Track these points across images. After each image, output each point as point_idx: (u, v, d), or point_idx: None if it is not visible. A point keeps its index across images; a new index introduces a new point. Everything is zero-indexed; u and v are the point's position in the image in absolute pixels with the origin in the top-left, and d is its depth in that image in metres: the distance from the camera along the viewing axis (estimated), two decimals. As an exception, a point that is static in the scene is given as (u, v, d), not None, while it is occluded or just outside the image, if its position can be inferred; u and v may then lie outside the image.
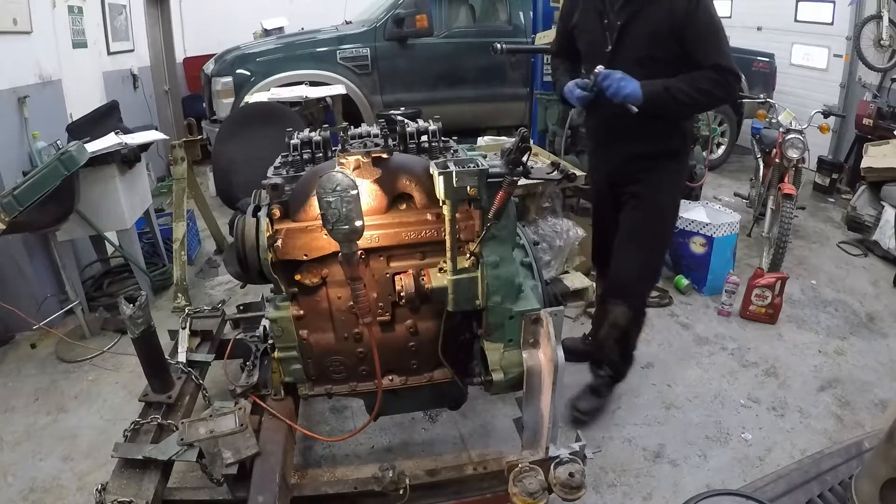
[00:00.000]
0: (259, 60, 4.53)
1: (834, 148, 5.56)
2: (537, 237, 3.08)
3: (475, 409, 2.35)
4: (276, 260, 1.37)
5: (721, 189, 5.18)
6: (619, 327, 2.14)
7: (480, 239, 1.31)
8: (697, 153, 3.58)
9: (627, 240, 2.08)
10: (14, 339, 2.94)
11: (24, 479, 2.08)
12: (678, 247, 3.43)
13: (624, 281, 2.12)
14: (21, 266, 2.90)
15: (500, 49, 3.59)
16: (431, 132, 1.59)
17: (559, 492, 1.34)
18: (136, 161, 3.09)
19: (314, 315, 1.49)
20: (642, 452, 2.18)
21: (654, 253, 2.16)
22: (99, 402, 2.48)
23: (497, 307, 1.39)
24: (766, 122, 3.89)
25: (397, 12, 4.56)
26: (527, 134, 1.25)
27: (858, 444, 1.12)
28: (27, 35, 3.13)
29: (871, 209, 3.94)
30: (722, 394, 2.51)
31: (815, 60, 5.82)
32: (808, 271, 3.66)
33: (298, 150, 1.59)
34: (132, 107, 4.70)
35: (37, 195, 2.39)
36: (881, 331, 3.02)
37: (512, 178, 1.25)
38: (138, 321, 1.55)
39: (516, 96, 5.10)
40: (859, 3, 5.13)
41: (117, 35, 4.77)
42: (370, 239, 1.39)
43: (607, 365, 2.30)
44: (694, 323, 3.06)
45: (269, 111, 2.88)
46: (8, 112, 2.95)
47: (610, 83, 1.76)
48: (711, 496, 0.91)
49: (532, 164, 1.81)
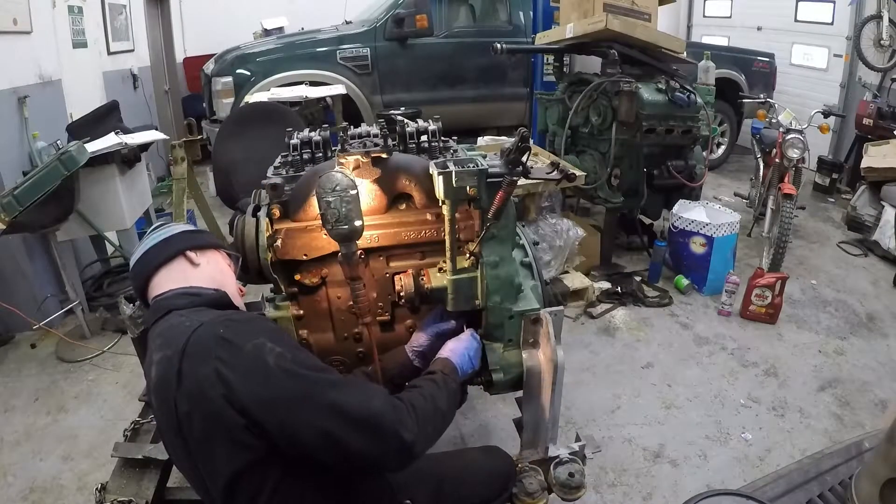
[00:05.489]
0: (259, 60, 4.53)
1: (834, 148, 5.56)
2: (537, 237, 3.08)
3: (475, 409, 2.35)
4: (275, 260, 1.37)
5: (721, 189, 5.18)
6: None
7: (480, 239, 1.31)
8: (697, 153, 3.58)
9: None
10: (14, 339, 2.94)
11: (24, 479, 2.08)
12: (678, 247, 3.44)
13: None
14: (21, 266, 2.90)
15: (500, 49, 3.59)
16: (431, 132, 1.58)
17: (559, 492, 1.34)
18: (136, 161, 3.09)
19: (314, 315, 1.48)
20: (642, 452, 2.18)
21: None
22: (99, 402, 2.48)
23: (497, 307, 1.39)
24: (766, 122, 3.90)
25: (397, 12, 4.55)
26: (527, 134, 1.24)
27: (858, 444, 1.12)
28: (27, 35, 3.13)
29: (871, 209, 3.94)
30: (722, 394, 2.51)
31: (815, 60, 5.82)
32: (808, 271, 3.66)
33: (298, 150, 1.58)
34: (132, 107, 4.71)
35: (37, 195, 2.39)
36: (881, 331, 3.02)
37: (512, 177, 1.25)
38: (138, 321, 1.54)
39: (516, 96, 5.10)
40: (859, 3, 5.13)
41: (117, 35, 4.77)
42: (370, 239, 1.39)
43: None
44: (694, 323, 3.06)
45: (269, 111, 2.88)
46: (8, 112, 2.95)
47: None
48: (711, 496, 0.91)
49: (532, 164, 1.81)
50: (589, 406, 2.42)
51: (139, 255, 1.19)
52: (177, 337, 1.00)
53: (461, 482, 1.28)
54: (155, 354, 1.03)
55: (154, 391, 1.03)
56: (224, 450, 0.96)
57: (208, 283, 1.19)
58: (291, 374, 0.96)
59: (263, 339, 0.99)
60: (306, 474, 1.03)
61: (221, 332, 0.98)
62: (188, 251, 1.20)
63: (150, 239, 1.21)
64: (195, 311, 1.08)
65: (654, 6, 3.57)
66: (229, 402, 0.93)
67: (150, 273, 1.17)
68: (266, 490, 0.98)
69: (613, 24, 3.11)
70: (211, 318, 1.03)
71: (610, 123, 3.27)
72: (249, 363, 0.95)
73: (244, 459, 0.96)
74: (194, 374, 0.95)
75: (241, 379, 0.94)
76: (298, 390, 0.96)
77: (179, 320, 1.05)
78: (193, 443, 0.99)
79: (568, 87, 3.68)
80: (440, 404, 1.12)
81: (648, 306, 3.22)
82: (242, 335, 0.99)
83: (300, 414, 0.95)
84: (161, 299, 1.14)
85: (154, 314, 1.12)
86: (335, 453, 0.97)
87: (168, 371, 0.98)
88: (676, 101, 3.21)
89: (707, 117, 3.44)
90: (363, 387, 1.05)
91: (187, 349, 0.97)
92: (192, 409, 0.95)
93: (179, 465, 1.11)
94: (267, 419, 0.94)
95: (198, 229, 1.30)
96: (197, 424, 0.96)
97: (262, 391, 0.94)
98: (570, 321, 3.04)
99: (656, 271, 3.49)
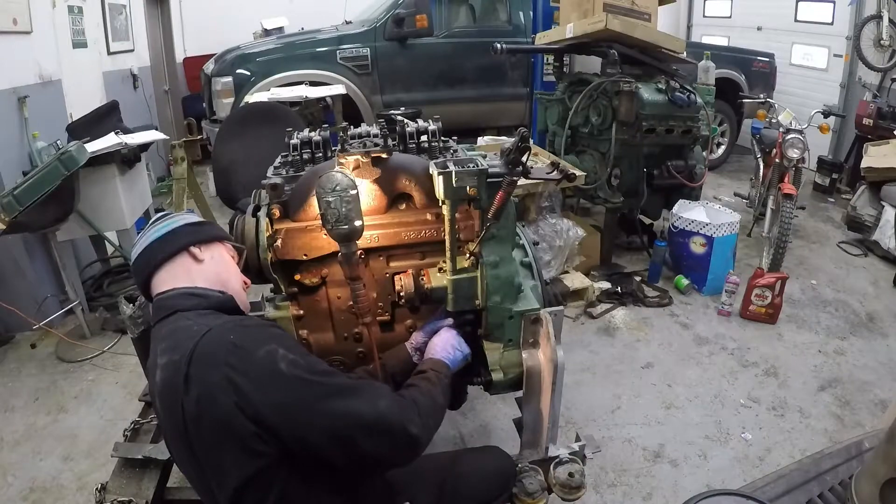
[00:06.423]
0: (259, 60, 4.53)
1: (834, 148, 5.56)
2: (537, 237, 3.08)
3: (475, 408, 2.35)
4: (275, 260, 1.37)
5: (721, 189, 5.18)
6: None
7: (480, 239, 1.31)
8: (697, 153, 3.58)
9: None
10: (14, 339, 2.94)
11: (24, 479, 2.08)
12: (678, 247, 3.43)
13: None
14: (21, 266, 2.90)
15: (500, 49, 3.59)
16: (431, 132, 1.58)
17: (559, 492, 1.34)
18: (136, 161, 3.09)
19: (314, 315, 1.48)
20: (642, 452, 2.18)
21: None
22: (99, 402, 2.48)
23: (496, 307, 1.39)
24: (766, 122, 3.90)
25: (397, 12, 4.55)
26: (527, 134, 1.24)
27: (858, 444, 1.12)
28: (27, 35, 3.13)
29: (871, 209, 3.94)
30: (722, 394, 2.51)
31: (815, 60, 5.82)
32: (808, 271, 3.66)
33: (298, 150, 1.58)
34: (132, 107, 4.71)
35: (37, 195, 2.39)
36: (881, 331, 3.02)
37: (511, 177, 1.25)
38: (138, 321, 1.54)
39: (516, 96, 5.10)
40: (859, 3, 5.13)
41: (117, 35, 4.77)
42: (370, 239, 1.39)
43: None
44: (694, 323, 3.06)
45: (268, 111, 2.88)
46: (8, 112, 2.95)
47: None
48: (711, 496, 0.91)
49: (532, 164, 1.81)
50: (589, 406, 2.42)
51: (141, 250, 1.15)
52: (184, 341, 0.99)
53: (461, 482, 1.28)
54: (160, 358, 1.01)
55: (159, 395, 1.02)
56: (233, 456, 0.95)
57: (213, 280, 1.16)
58: (305, 380, 0.97)
59: (275, 344, 0.99)
60: (312, 477, 1.03)
61: (232, 338, 0.97)
62: (192, 247, 1.16)
63: (153, 231, 1.17)
64: (202, 314, 1.07)
65: (654, 6, 3.57)
66: (241, 408, 0.93)
67: (152, 270, 1.14)
68: (273, 493, 0.98)
69: (613, 24, 3.11)
70: (220, 324, 1.02)
71: (610, 123, 3.27)
72: (262, 370, 0.95)
73: (254, 466, 0.96)
74: (203, 379, 0.95)
75: (255, 385, 0.94)
76: (312, 396, 0.97)
77: (186, 324, 1.03)
78: (201, 448, 0.98)
79: (568, 87, 3.68)
80: (438, 399, 1.16)
81: (648, 306, 3.22)
82: (254, 341, 0.98)
83: (314, 419, 0.96)
84: (164, 298, 1.11)
85: (157, 313, 1.10)
86: (348, 455, 1.00)
87: (175, 376, 0.97)
88: (676, 101, 3.21)
89: (707, 117, 3.44)
90: (369, 388, 1.05)
91: (195, 354, 0.96)
92: (201, 414, 0.95)
93: (183, 469, 1.10)
94: (281, 425, 0.94)
95: (201, 220, 1.24)
96: (205, 430, 0.96)
97: (277, 397, 0.94)
98: (570, 321, 3.04)
99: (656, 271, 3.49)
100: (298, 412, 0.95)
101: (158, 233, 1.16)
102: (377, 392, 1.05)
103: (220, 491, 0.99)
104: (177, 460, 1.11)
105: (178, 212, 3.18)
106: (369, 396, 1.02)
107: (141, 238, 1.18)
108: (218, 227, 1.28)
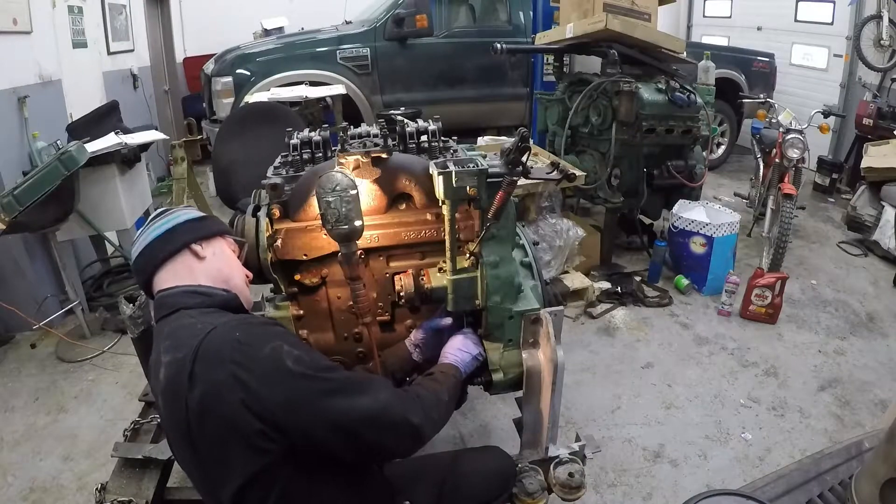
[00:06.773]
0: (259, 60, 4.53)
1: (834, 148, 5.56)
2: (537, 237, 3.08)
3: (475, 408, 2.35)
4: (275, 260, 1.37)
5: (721, 189, 5.18)
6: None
7: (480, 239, 1.31)
8: (697, 153, 3.58)
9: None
10: (14, 339, 2.94)
11: (24, 479, 2.08)
12: (678, 247, 3.43)
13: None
14: (21, 266, 2.90)
15: (500, 49, 3.59)
16: (431, 132, 1.58)
17: (559, 492, 1.34)
18: (136, 161, 3.09)
19: (314, 315, 1.49)
20: (642, 452, 2.18)
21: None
22: (99, 402, 2.48)
23: (496, 307, 1.39)
24: (766, 122, 3.90)
25: (397, 12, 4.55)
26: (527, 134, 1.24)
27: (858, 444, 1.12)
28: (27, 35, 3.13)
29: (871, 209, 3.94)
30: (722, 394, 2.51)
31: (815, 60, 5.82)
32: (808, 271, 3.66)
33: (298, 150, 1.58)
34: (132, 107, 4.70)
35: (37, 195, 2.39)
36: (881, 331, 3.02)
37: (511, 177, 1.25)
38: (138, 321, 1.54)
39: (516, 96, 5.09)
40: (859, 3, 5.13)
41: (117, 35, 4.76)
42: (370, 239, 1.39)
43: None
44: (694, 323, 3.06)
45: (268, 111, 2.88)
46: (8, 112, 2.95)
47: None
48: (711, 496, 0.91)
49: (532, 164, 1.81)
50: (589, 406, 2.42)
51: (142, 249, 1.14)
52: (188, 339, 0.99)
53: (461, 482, 1.28)
54: (164, 356, 1.01)
55: (162, 393, 1.02)
56: (238, 454, 0.95)
57: (216, 277, 1.15)
58: (310, 377, 0.98)
59: (280, 342, 0.99)
60: (314, 475, 1.04)
61: (237, 335, 0.98)
62: (193, 244, 1.15)
63: (154, 228, 1.16)
64: (205, 312, 1.07)
65: (654, 6, 3.57)
66: (247, 405, 0.93)
67: (154, 268, 1.13)
68: (275, 492, 0.99)
69: (613, 24, 3.11)
70: (224, 322, 1.02)
71: (610, 123, 3.27)
72: (268, 367, 0.96)
73: (258, 463, 0.96)
74: (208, 377, 0.94)
75: (261, 382, 0.94)
76: (317, 393, 0.98)
77: (190, 321, 1.03)
78: (204, 446, 0.98)
79: (568, 87, 3.68)
80: (442, 395, 1.18)
81: (648, 306, 3.22)
82: (259, 339, 0.99)
83: (320, 415, 0.97)
84: (167, 295, 1.10)
85: (160, 310, 1.09)
86: (353, 447, 1.02)
87: (179, 374, 0.96)
88: (676, 101, 3.21)
89: (707, 117, 3.44)
90: (370, 382, 1.07)
91: (200, 352, 0.96)
92: (205, 412, 0.95)
93: (184, 467, 1.10)
94: (287, 421, 0.95)
95: (202, 216, 1.22)
96: (209, 428, 0.96)
97: (284, 394, 0.95)
98: (570, 321, 3.04)
99: (656, 271, 3.49)
100: (304, 408, 0.96)
101: (158, 231, 1.15)
102: (379, 386, 1.07)
103: (223, 489, 0.99)
104: (178, 459, 1.11)
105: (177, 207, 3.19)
106: (372, 390, 1.04)
107: (140, 236, 1.17)
108: (218, 221, 1.28)
